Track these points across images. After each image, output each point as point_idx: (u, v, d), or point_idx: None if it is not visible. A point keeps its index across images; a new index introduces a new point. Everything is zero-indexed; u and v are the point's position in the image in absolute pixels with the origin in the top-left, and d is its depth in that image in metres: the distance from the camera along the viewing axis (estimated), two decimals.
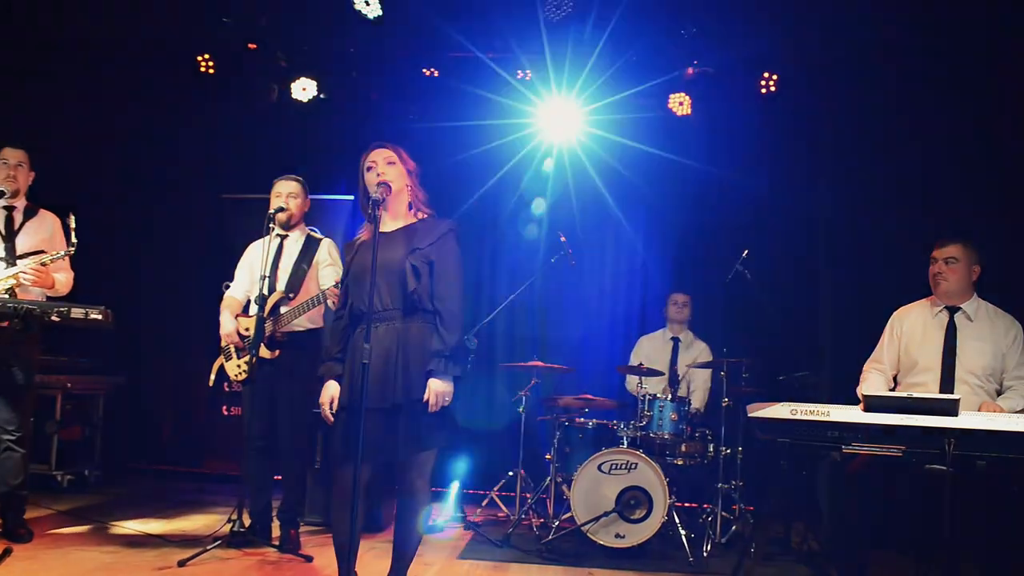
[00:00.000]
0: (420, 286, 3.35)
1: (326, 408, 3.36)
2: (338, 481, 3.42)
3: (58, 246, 4.70)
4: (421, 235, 3.44)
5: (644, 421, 5.26)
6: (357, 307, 3.40)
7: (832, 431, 3.59)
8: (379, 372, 3.25)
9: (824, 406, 3.65)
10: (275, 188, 4.95)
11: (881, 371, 4.26)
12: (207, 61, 6.43)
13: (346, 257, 3.56)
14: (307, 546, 4.74)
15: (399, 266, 3.35)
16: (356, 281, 3.41)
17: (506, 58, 6.32)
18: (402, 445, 3.30)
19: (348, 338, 3.45)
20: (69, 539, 4.70)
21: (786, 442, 3.65)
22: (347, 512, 3.42)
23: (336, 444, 3.36)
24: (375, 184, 3.43)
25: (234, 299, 4.98)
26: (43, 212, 4.75)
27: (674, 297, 6.19)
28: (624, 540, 4.95)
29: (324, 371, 3.43)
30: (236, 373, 4.85)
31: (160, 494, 6.33)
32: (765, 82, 6.10)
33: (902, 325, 4.23)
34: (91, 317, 4.12)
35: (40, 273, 4.45)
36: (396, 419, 3.28)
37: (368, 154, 3.52)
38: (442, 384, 3.28)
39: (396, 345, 3.32)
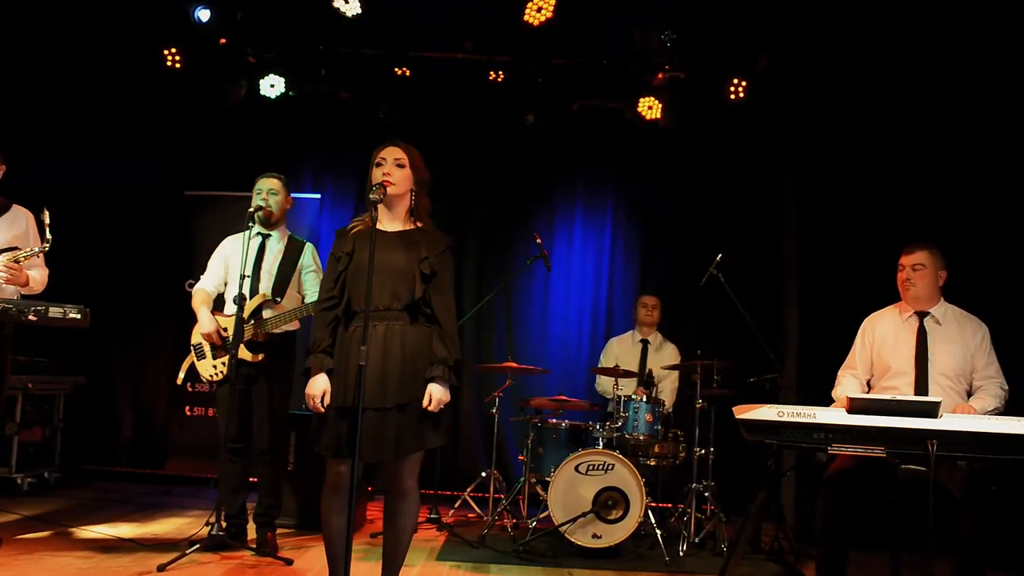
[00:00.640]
0: (426, 293, 3.37)
1: (316, 401, 3.31)
2: (329, 479, 3.40)
3: (32, 242, 4.56)
4: (427, 244, 3.44)
5: (620, 422, 5.32)
6: (355, 304, 3.36)
7: (818, 432, 3.67)
8: (378, 372, 3.24)
9: (810, 408, 3.74)
10: (256, 185, 4.87)
11: (855, 376, 4.37)
12: (174, 56, 6.30)
13: (339, 245, 3.47)
14: (283, 549, 4.69)
15: (406, 269, 3.35)
16: (356, 277, 3.36)
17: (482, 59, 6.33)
18: (397, 445, 3.29)
19: (336, 331, 3.41)
20: (38, 544, 4.57)
21: (773, 443, 3.74)
22: (339, 511, 3.43)
23: (327, 441, 3.32)
24: (378, 181, 3.42)
25: (207, 293, 4.88)
26: (15, 207, 4.58)
27: (643, 300, 6.27)
28: (601, 540, 5.00)
29: (313, 363, 3.35)
30: (211, 373, 4.76)
31: (124, 496, 6.19)
32: (735, 88, 6.19)
33: (874, 331, 4.35)
34: (69, 317, 4.03)
35: (14, 270, 4.31)
36: (391, 419, 3.27)
37: (381, 149, 3.49)
38: (442, 391, 3.31)
39: (397, 346, 3.31)
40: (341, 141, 7.18)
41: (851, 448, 3.64)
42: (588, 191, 7.24)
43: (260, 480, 4.79)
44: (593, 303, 7.13)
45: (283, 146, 7.16)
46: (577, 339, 7.09)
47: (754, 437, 3.76)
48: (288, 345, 4.85)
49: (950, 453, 3.47)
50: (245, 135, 7.03)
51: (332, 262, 3.49)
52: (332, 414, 3.32)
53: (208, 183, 7.07)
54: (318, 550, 4.88)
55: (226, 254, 4.92)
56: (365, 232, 3.46)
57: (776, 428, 3.73)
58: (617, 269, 7.18)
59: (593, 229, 7.20)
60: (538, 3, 5.29)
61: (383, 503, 3.52)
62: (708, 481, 5.38)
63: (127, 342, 7.00)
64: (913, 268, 4.25)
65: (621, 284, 7.16)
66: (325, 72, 6.55)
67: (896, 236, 5.53)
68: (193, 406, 6.88)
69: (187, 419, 6.89)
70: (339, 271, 3.43)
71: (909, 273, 4.26)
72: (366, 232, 3.46)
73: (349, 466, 3.35)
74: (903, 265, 4.26)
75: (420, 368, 3.32)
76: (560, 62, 6.40)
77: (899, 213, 5.68)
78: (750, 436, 3.77)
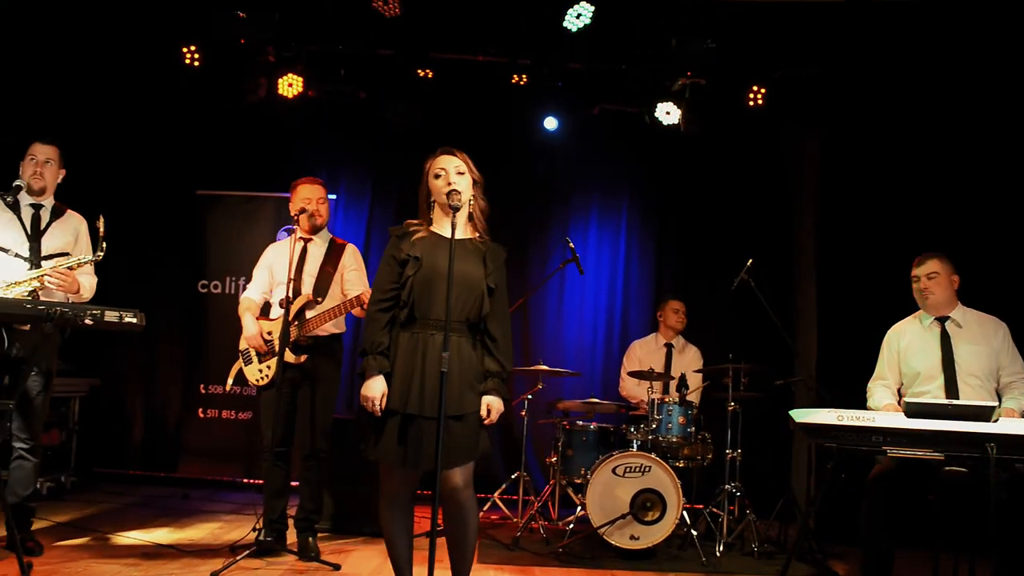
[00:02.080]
0: (489, 306, 3.41)
1: (375, 404, 3.29)
2: (389, 487, 3.42)
3: (83, 248, 4.52)
4: (489, 256, 3.48)
5: (654, 424, 5.38)
6: (423, 311, 3.35)
7: (876, 436, 3.78)
8: (438, 381, 3.21)
9: (868, 412, 3.86)
10: (298, 191, 4.83)
11: (887, 386, 4.48)
12: (192, 53, 6.21)
13: (400, 247, 3.43)
14: (324, 553, 4.66)
15: (477, 284, 3.38)
16: (426, 284, 3.35)
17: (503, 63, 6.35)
18: (457, 454, 3.30)
19: (391, 333, 3.40)
20: (80, 552, 4.50)
21: (832, 446, 3.83)
22: (401, 518, 3.46)
23: (386, 448, 3.30)
24: (444, 191, 3.42)
25: (252, 300, 4.86)
26: (70, 212, 4.54)
27: (672, 304, 6.33)
28: (639, 541, 5.06)
29: (370, 365, 3.32)
30: (257, 378, 4.73)
31: (143, 500, 6.11)
32: (754, 95, 6.28)
33: (899, 341, 4.47)
34: (126, 320, 3.93)
35: (66, 277, 4.25)
36: (451, 429, 3.26)
37: (436, 159, 3.50)
38: (499, 403, 3.37)
39: (456, 358, 3.31)
40: (356, 142, 7.14)
41: (908, 451, 3.77)
42: (604, 193, 7.30)
43: (303, 485, 4.76)
44: (608, 305, 7.18)
45: (296, 146, 7.10)
46: (592, 341, 7.13)
47: (814, 440, 3.86)
48: (333, 348, 4.83)
49: (1008, 456, 3.60)
50: (258, 135, 6.96)
51: (390, 262, 3.44)
52: (389, 421, 3.31)
53: (220, 183, 7.00)
54: (359, 554, 4.88)
55: (270, 262, 4.91)
56: (429, 238, 3.48)
57: (835, 431, 3.82)
58: (632, 271, 7.24)
59: (608, 231, 7.25)
60: (578, 10, 5.32)
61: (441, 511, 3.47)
62: (736, 482, 5.45)
63: (138, 343, 6.86)
64: (928, 277, 4.37)
65: (636, 286, 7.23)
66: (344, 72, 6.49)
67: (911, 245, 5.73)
68: (207, 408, 6.80)
69: (200, 421, 6.81)
70: (404, 275, 3.38)
71: (925, 283, 4.38)
72: (430, 239, 3.48)
73: (411, 474, 3.38)
74: (917, 276, 4.40)
75: (470, 380, 3.35)
76: (579, 66, 6.42)
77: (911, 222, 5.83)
78: (810, 439, 3.86)
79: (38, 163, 4.39)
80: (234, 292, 6.89)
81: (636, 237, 7.29)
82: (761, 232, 6.91)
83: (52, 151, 4.44)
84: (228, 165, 7.03)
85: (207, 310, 6.90)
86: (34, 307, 3.76)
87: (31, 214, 4.38)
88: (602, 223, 7.28)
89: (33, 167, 4.37)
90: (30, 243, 4.31)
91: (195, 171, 7.03)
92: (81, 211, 4.60)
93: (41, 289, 4.20)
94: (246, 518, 5.64)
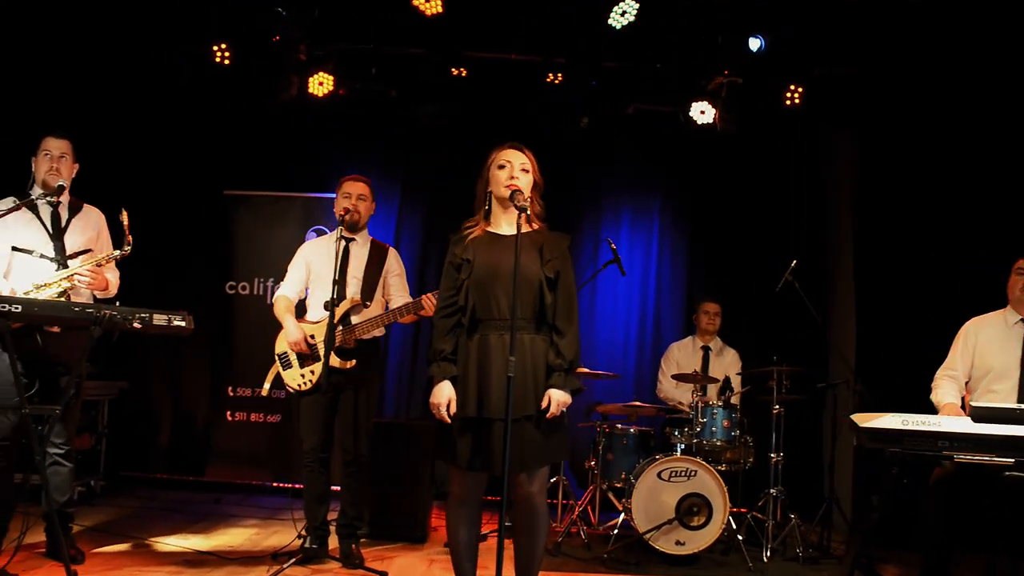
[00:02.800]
0: (551, 299, 3.32)
1: (442, 410, 3.23)
2: (457, 491, 3.36)
3: (104, 244, 4.41)
4: (548, 246, 3.39)
5: (698, 428, 5.30)
6: (482, 312, 3.30)
7: (943, 441, 3.71)
8: (503, 382, 3.14)
9: (934, 417, 3.78)
10: (343, 188, 4.73)
11: (954, 378, 4.40)
12: (223, 51, 6.11)
13: (457, 252, 3.40)
14: (367, 560, 4.57)
15: (531, 277, 3.29)
16: (483, 284, 3.31)
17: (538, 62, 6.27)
18: (528, 457, 3.24)
19: (457, 339, 3.34)
20: (121, 559, 4.41)
21: (897, 452, 3.75)
22: (468, 523, 3.39)
23: (454, 452, 3.26)
24: (504, 185, 3.35)
25: (288, 299, 4.74)
26: (87, 207, 4.39)
27: (706, 306, 6.24)
28: (684, 547, 4.98)
29: (436, 372, 3.29)
30: (299, 383, 4.62)
31: (173, 505, 6.01)
32: (791, 94, 6.20)
33: (977, 335, 4.39)
34: (174, 324, 3.86)
35: (95, 274, 4.15)
36: (520, 431, 3.21)
37: (502, 151, 3.43)
38: (562, 394, 3.26)
39: (525, 356, 3.26)
40: (385, 142, 7.06)
41: (976, 457, 3.70)
42: (635, 193, 7.21)
43: (345, 491, 4.67)
44: (641, 306, 7.09)
45: (325, 146, 7.03)
46: (624, 343, 7.04)
47: (878, 445, 3.79)
48: (375, 351, 4.74)
49: None
50: (286, 134, 6.87)
51: (448, 268, 3.43)
52: (457, 424, 3.26)
53: (248, 183, 6.91)
54: (403, 560, 4.81)
55: (307, 259, 4.78)
56: (483, 238, 3.43)
57: (900, 437, 3.76)
58: (664, 272, 7.15)
59: (640, 232, 7.17)
60: (623, 7, 5.24)
61: (512, 517, 3.41)
62: (779, 486, 5.37)
63: (165, 344, 6.76)
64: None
65: (668, 287, 7.14)
66: (375, 71, 6.41)
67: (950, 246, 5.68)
68: (235, 411, 6.70)
69: (228, 424, 6.71)
70: (460, 279, 3.36)
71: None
72: (484, 238, 3.43)
73: (478, 478, 3.32)
74: (1021, 268, 4.28)
75: (541, 378, 3.28)
76: (613, 65, 6.34)
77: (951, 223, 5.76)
78: (874, 444, 3.78)
79: (53, 158, 4.21)
80: (262, 293, 6.80)
81: (668, 238, 7.20)
82: (796, 233, 6.83)
83: (66, 145, 4.27)
84: (256, 165, 6.94)
85: (235, 311, 6.80)
86: (82, 310, 3.68)
87: (50, 212, 4.22)
88: (634, 224, 7.20)
89: (49, 163, 4.20)
90: (54, 242, 4.18)
91: (222, 171, 6.94)
92: (107, 210, 4.49)
93: (71, 289, 4.10)
94: (281, 523, 5.56)
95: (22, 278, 4.03)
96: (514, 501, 3.32)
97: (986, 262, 5.19)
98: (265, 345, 6.47)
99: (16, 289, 3.98)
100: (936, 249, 5.78)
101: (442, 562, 4.80)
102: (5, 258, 4.07)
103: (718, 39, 5.48)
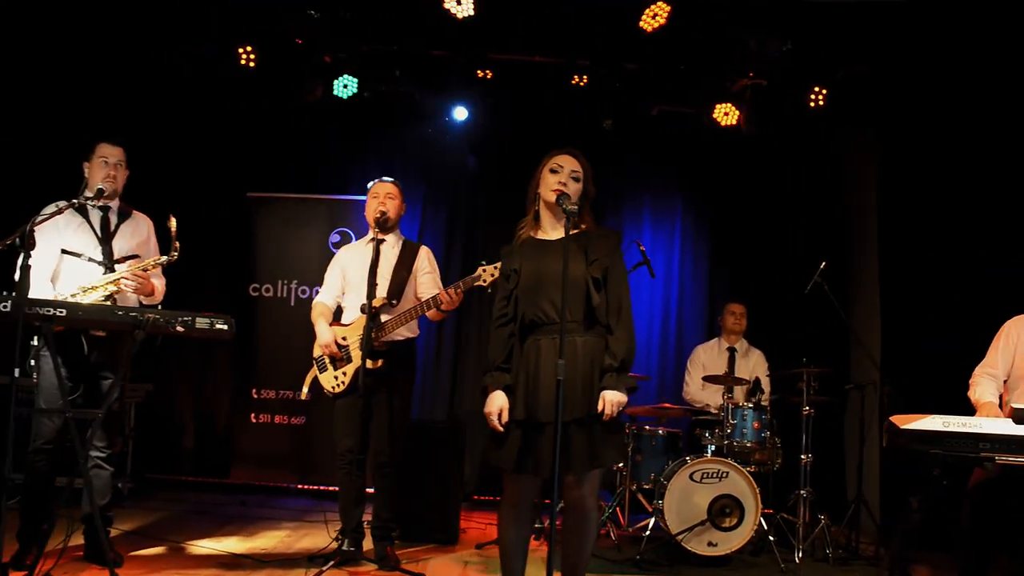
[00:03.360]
0: (600, 299, 3.31)
1: (495, 418, 3.25)
2: (508, 494, 3.38)
3: (151, 249, 4.43)
4: (594, 245, 3.39)
5: (728, 430, 5.31)
6: (531, 318, 3.32)
7: (984, 443, 3.72)
8: (553, 386, 3.14)
9: (975, 419, 3.79)
10: (372, 191, 4.76)
11: (993, 376, 4.39)
12: (248, 54, 6.12)
13: (507, 263, 3.45)
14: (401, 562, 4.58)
15: (579, 279, 3.30)
16: (531, 291, 3.33)
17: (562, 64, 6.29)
18: (580, 459, 3.24)
19: (512, 347, 3.36)
20: (158, 562, 4.41)
21: (938, 453, 3.76)
22: (518, 525, 3.41)
23: (507, 456, 3.26)
24: (552, 189, 3.36)
25: (325, 305, 4.78)
26: (136, 214, 4.43)
27: (731, 308, 6.26)
28: (716, 548, 5.00)
29: (490, 381, 3.31)
30: (333, 385, 4.63)
31: (200, 507, 6.02)
32: (815, 96, 6.21)
33: (1019, 335, 4.38)
34: (216, 328, 3.84)
35: (142, 279, 4.17)
36: (573, 433, 3.23)
37: (557, 155, 3.43)
38: (616, 395, 3.24)
39: (577, 359, 3.27)
40: (409, 145, 7.06)
41: (1018, 459, 3.71)
42: (656, 195, 7.24)
43: (379, 493, 4.69)
44: (663, 308, 7.11)
45: (348, 148, 7.04)
46: (647, 344, 7.04)
47: (919, 447, 3.80)
48: (408, 353, 4.75)
49: None
50: (309, 136, 6.90)
51: (501, 278, 3.51)
52: (512, 429, 3.27)
53: (271, 185, 6.91)
54: (437, 562, 4.83)
55: (343, 265, 4.82)
56: (529, 244, 3.46)
57: (941, 438, 3.77)
58: (687, 274, 7.18)
59: (662, 233, 7.19)
60: (654, 10, 5.25)
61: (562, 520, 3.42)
62: (808, 487, 5.38)
63: (189, 347, 6.77)
64: None
65: (691, 289, 7.16)
66: (399, 73, 6.42)
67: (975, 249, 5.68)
68: (258, 413, 6.70)
69: (252, 426, 6.70)
70: (509, 289, 3.40)
71: None
72: (530, 243, 3.46)
73: (530, 481, 3.33)
74: None
75: (594, 379, 3.28)
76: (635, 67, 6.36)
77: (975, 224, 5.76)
78: (914, 446, 3.79)
79: (111, 165, 4.25)
80: (285, 295, 6.81)
81: (691, 239, 7.23)
82: (820, 236, 6.84)
83: (121, 153, 4.31)
84: (279, 167, 6.97)
85: (258, 313, 6.80)
86: (125, 314, 3.68)
87: (100, 217, 4.25)
88: (656, 225, 7.22)
89: (106, 170, 4.23)
90: (102, 247, 4.20)
91: (246, 173, 6.94)
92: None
93: (117, 293, 4.11)
94: (310, 525, 5.57)
95: (70, 281, 4.06)
96: (567, 503, 3.34)
97: (1010, 262, 5.24)
98: (289, 347, 6.57)
99: (63, 291, 4.02)
100: (960, 249, 5.79)
101: (476, 564, 4.83)
102: (54, 260, 4.08)
103: (749, 42, 5.46)
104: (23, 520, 4.10)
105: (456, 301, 4.42)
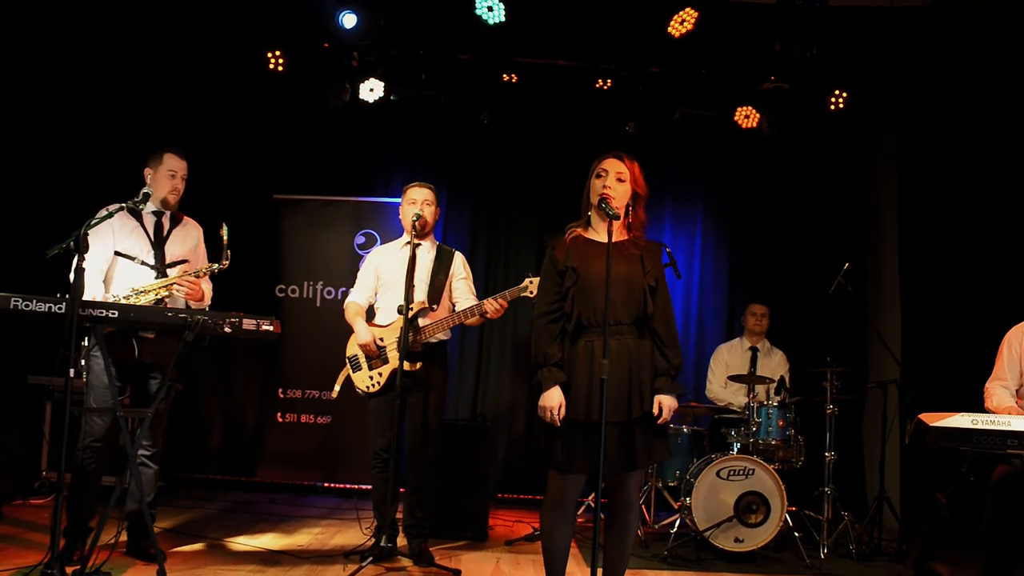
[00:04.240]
0: (653, 307, 3.41)
1: (553, 413, 3.29)
2: (554, 492, 3.44)
3: (201, 256, 4.56)
4: (647, 256, 3.48)
5: (754, 427, 5.40)
6: (587, 318, 3.39)
7: (1012, 440, 3.82)
8: (614, 386, 3.27)
9: (1004, 416, 3.89)
10: (408, 194, 4.83)
11: (1006, 387, 4.48)
12: (277, 58, 6.21)
13: (558, 256, 3.46)
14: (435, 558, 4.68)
15: (636, 284, 3.39)
16: (587, 292, 3.38)
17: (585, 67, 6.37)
18: (629, 459, 3.34)
19: (563, 344, 3.41)
20: (200, 559, 4.51)
21: (967, 450, 3.86)
22: (563, 524, 3.47)
23: (560, 455, 3.34)
24: (598, 193, 3.44)
25: (358, 305, 4.86)
26: (187, 220, 4.56)
27: (753, 308, 6.34)
28: (743, 544, 5.10)
29: (546, 377, 3.33)
30: (368, 385, 4.72)
31: (231, 505, 6.11)
32: (835, 99, 6.29)
33: (1021, 343, 4.48)
34: (263, 329, 3.96)
35: (194, 284, 4.27)
36: (625, 433, 3.32)
37: (603, 160, 3.51)
38: (671, 400, 3.35)
39: (625, 361, 3.35)
40: (434, 147, 7.14)
41: None
42: (677, 196, 7.30)
43: (412, 491, 4.77)
44: (684, 308, 7.18)
45: (373, 150, 7.13)
46: None
47: (946, 444, 3.89)
48: (441, 354, 4.84)
49: None
50: (335, 139, 6.98)
51: (550, 272, 3.47)
52: (571, 428, 3.33)
53: (297, 187, 6.99)
54: (470, 557, 4.93)
55: (376, 265, 4.90)
56: (581, 243, 3.50)
57: (970, 435, 3.86)
58: (707, 275, 7.26)
59: (683, 234, 7.26)
60: (683, 16, 5.34)
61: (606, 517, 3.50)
62: (831, 485, 5.47)
63: (216, 346, 6.81)
64: None
65: (711, 290, 7.25)
66: (425, 77, 6.50)
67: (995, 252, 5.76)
68: (285, 413, 6.79)
69: (279, 426, 6.79)
70: (564, 285, 3.41)
71: None
72: (582, 243, 3.50)
73: (576, 481, 3.42)
74: None
75: (645, 381, 3.36)
76: (660, 71, 6.43)
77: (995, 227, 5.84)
78: (944, 443, 3.88)
79: (178, 179, 4.40)
80: (312, 296, 6.90)
81: (711, 240, 7.30)
82: (838, 237, 6.93)
83: (186, 166, 4.47)
84: (305, 169, 7.04)
85: (285, 314, 6.85)
86: (175, 315, 3.78)
87: (154, 221, 4.38)
88: (676, 226, 7.29)
89: (173, 183, 4.38)
90: (155, 251, 4.32)
91: (272, 175, 7.02)
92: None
93: (168, 297, 4.22)
94: (342, 523, 5.67)
95: (123, 283, 4.18)
96: (612, 501, 3.44)
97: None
98: (315, 347, 6.65)
99: (117, 293, 4.14)
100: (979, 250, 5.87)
101: (508, 560, 4.92)
102: (108, 262, 4.20)
103: (775, 47, 5.53)
104: (70, 517, 4.20)
105: (501, 311, 4.52)
